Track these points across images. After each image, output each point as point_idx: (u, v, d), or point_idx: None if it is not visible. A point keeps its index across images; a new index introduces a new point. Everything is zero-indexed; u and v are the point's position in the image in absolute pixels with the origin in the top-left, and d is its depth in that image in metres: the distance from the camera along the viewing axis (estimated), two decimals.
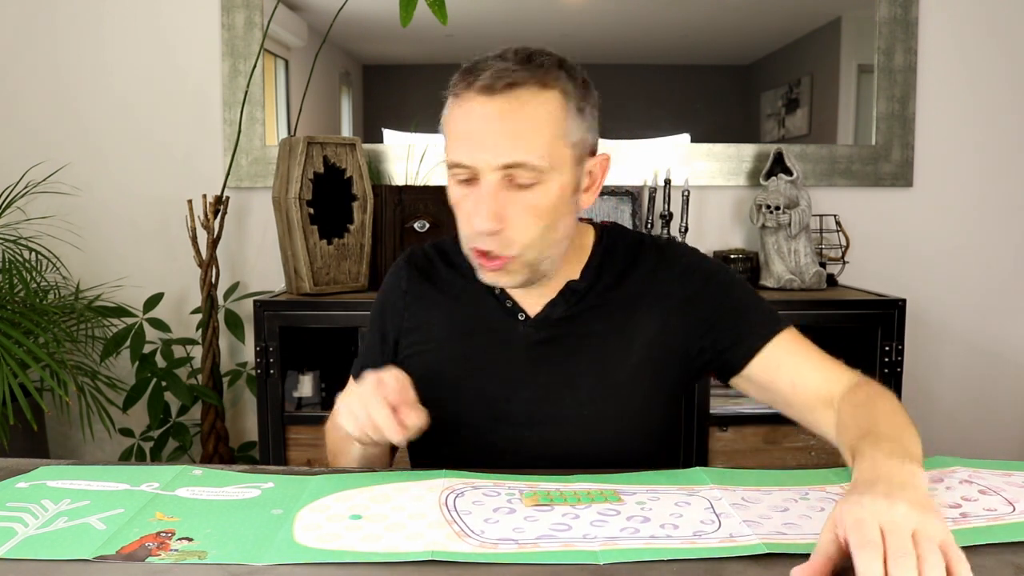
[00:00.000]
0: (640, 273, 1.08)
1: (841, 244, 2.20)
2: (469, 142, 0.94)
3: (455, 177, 0.97)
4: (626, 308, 1.06)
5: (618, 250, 1.09)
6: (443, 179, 2.19)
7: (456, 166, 0.96)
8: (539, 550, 0.71)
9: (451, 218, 1.01)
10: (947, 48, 2.25)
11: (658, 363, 1.05)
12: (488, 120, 0.93)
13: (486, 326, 1.07)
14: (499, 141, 0.92)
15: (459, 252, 1.06)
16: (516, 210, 0.95)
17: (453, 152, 0.96)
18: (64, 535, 0.74)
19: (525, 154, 0.92)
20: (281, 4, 2.15)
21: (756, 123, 2.34)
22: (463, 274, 1.09)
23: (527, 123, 0.93)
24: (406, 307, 1.12)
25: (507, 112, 0.93)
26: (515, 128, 0.93)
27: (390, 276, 1.17)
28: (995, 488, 0.85)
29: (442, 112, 1.00)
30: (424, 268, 1.13)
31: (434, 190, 2.07)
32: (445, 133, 0.99)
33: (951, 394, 2.32)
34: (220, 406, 2.10)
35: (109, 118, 2.24)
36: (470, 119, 0.94)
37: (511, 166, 0.93)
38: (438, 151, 2.23)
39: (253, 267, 2.27)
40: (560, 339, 1.05)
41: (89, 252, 2.24)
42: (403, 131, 2.28)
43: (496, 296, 1.07)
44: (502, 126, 0.93)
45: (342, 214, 1.97)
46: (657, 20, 2.27)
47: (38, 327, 1.91)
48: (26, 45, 2.23)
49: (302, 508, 0.81)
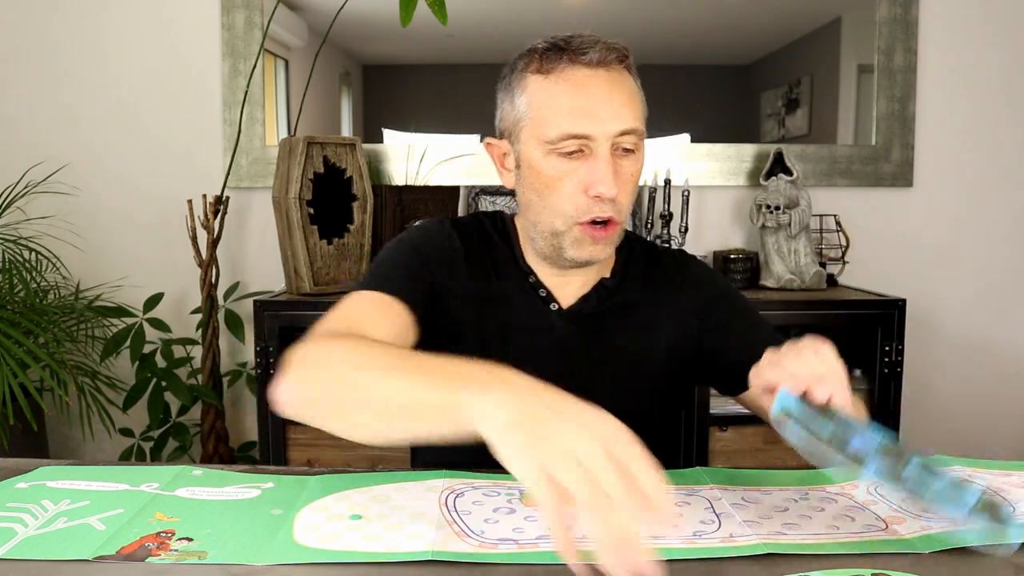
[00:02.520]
0: (661, 277, 1.11)
1: (841, 244, 2.20)
2: (586, 113, 0.96)
3: (560, 151, 0.97)
4: (650, 309, 1.09)
5: (636, 252, 1.12)
6: (443, 179, 2.21)
7: (568, 138, 0.97)
8: (539, 550, 0.71)
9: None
10: (947, 48, 2.25)
11: (675, 366, 1.08)
12: (603, 90, 0.97)
13: (522, 308, 1.07)
14: (615, 110, 0.97)
15: (495, 231, 1.09)
16: (623, 177, 0.98)
17: (564, 125, 0.97)
18: (64, 535, 0.74)
19: (633, 120, 0.98)
20: (281, 4, 2.15)
21: (756, 123, 2.34)
22: (500, 252, 1.09)
23: (629, 93, 0.99)
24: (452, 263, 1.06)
25: (616, 83, 0.98)
26: (623, 98, 0.98)
27: (433, 230, 1.09)
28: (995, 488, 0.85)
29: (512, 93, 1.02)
30: (470, 237, 1.10)
31: (434, 190, 2.07)
32: (540, 107, 0.99)
33: (951, 394, 2.32)
34: (220, 406, 2.10)
35: (109, 118, 2.24)
36: (583, 92, 0.97)
37: (624, 133, 0.97)
38: (438, 151, 2.24)
39: (253, 267, 2.27)
40: (590, 334, 1.07)
41: (89, 252, 2.24)
42: (403, 131, 2.28)
43: (531, 283, 1.08)
44: (615, 96, 0.97)
45: (342, 214, 1.97)
46: (657, 20, 2.27)
47: (38, 327, 1.91)
48: (26, 45, 2.23)
49: (302, 508, 0.81)
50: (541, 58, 0.99)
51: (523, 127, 1.00)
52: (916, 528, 0.76)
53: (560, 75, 0.98)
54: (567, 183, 0.98)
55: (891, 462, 0.69)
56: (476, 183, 2.22)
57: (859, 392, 1.97)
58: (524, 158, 1.02)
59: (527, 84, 1.00)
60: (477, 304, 1.06)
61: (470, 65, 2.30)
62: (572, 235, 1.00)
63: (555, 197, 0.99)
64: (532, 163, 1.00)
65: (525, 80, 1.00)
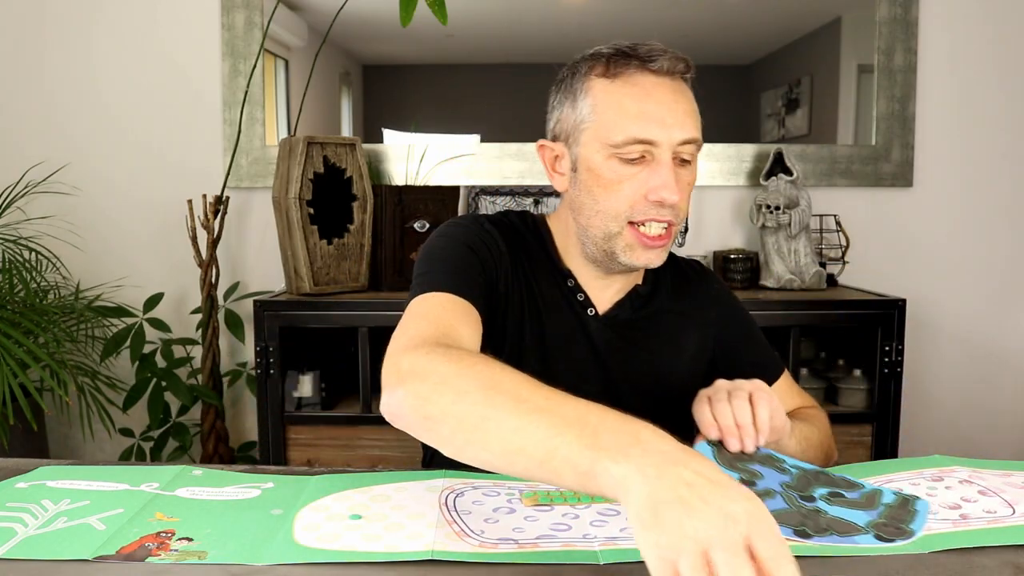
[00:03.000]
0: (687, 288, 1.14)
1: (841, 244, 2.19)
2: (654, 119, 0.97)
3: (623, 155, 0.98)
4: (678, 320, 1.12)
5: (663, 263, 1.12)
6: (443, 179, 2.21)
7: (635, 143, 0.97)
8: (539, 550, 0.71)
9: (451, 217, 1.01)
10: (947, 48, 2.25)
11: (697, 379, 1.07)
12: (671, 98, 0.99)
13: (559, 312, 1.07)
14: (681, 118, 0.98)
15: (528, 231, 1.09)
16: (680, 185, 0.99)
17: (632, 129, 0.97)
18: (64, 535, 0.74)
19: (695, 131, 1.00)
20: (281, 4, 2.15)
21: (756, 123, 2.34)
22: (536, 253, 1.09)
23: (691, 102, 1.01)
24: (500, 267, 1.04)
25: (681, 92, 1.00)
26: (688, 108, 1.00)
27: (481, 229, 1.05)
28: (995, 489, 0.85)
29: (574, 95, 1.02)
30: (513, 239, 1.08)
31: (434, 190, 2.07)
32: (606, 111, 0.99)
33: (951, 394, 2.32)
34: (220, 406, 2.10)
35: (109, 118, 2.24)
36: (652, 99, 0.98)
37: (687, 142, 0.98)
38: (438, 151, 2.24)
39: (253, 267, 2.27)
40: (624, 340, 1.08)
41: (89, 252, 2.24)
42: (403, 131, 2.28)
43: (570, 286, 1.08)
44: (681, 106, 0.99)
45: (342, 214, 1.97)
46: (657, 20, 2.27)
47: (38, 327, 1.91)
48: (26, 45, 2.23)
49: (302, 508, 0.81)
50: (608, 62, 0.99)
51: (584, 129, 1.00)
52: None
53: (628, 80, 0.99)
54: (627, 186, 0.99)
55: (794, 496, 0.77)
56: (476, 183, 2.22)
57: (859, 392, 1.97)
58: (583, 161, 1.01)
59: (592, 87, 1.00)
60: (517, 307, 1.05)
61: (470, 65, 2.30)
62: (624, 239, 1.00)
63: (612, 200, 0.99)
64: (592, 166, 1.00)
65: (590, 83, 1.00)
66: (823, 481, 0.81)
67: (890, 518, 0.75)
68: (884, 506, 0.77)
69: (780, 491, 0.77)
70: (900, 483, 0.87)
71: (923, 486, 0.86)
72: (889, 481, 0.88)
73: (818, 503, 0.76)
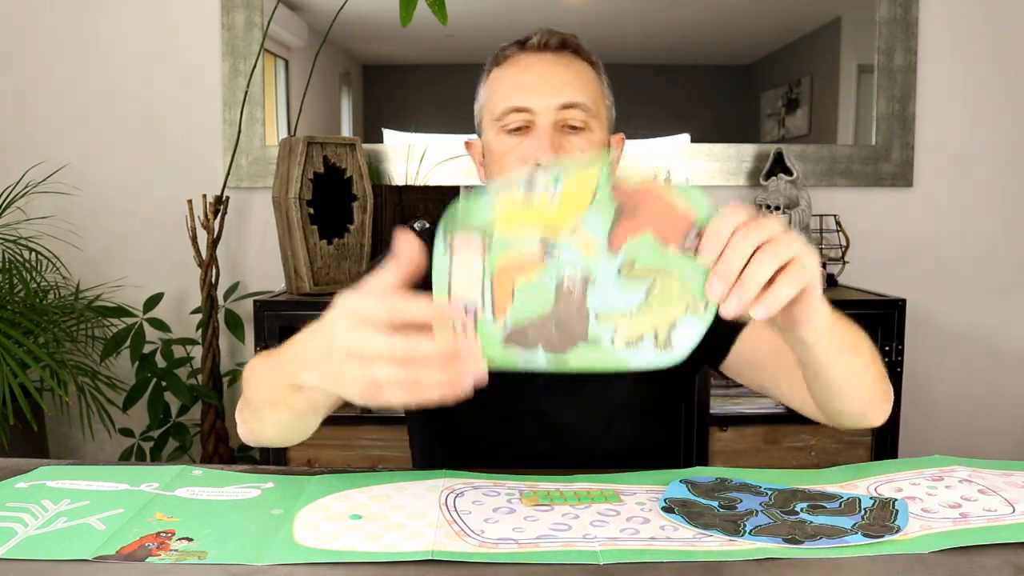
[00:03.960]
0: None
1: (841, 244, 2.19)
2: (527, 88, 1.01)
3: (506, 127, 1.02)
4: None
5: None
6: (443, 179, 2.21)
7: (512, 112, 1.01)
8: (539, 550, 0.71)
9: None
10: (947, 48, 2.25)
11: None
12: (545, 68, 1.03)
13: None
14: (557, 85, 1.01)
15: None
16: (567, 152, 1.01)
17: (508, 99, 1.01)
18: (64, 535, 0.74)
19: (579, 95, 1.01)
20: (281, 4, 2.15)
21: (756, 123, 2.34)
22: None
23: (576, 72, 1.04)
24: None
25: (560, 62, 1.04)
26: (567, 75, 1.03)
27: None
28: (995, 488, 0.85)
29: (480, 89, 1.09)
30: None
31: (434, 190, 2.07)
32: (492, 93, 1.06)
33: (951, 394, 2.32)
34: (220, 406, 2.10)
35: (109, 118, 2.24)
36: (526, 71, 1.03)
37: (567, 106, 1.00)
38: (438, 151, 2.24)
39: (253, 267, 2.27)
40: None
41: (89, 252, 2.24)
42: (403, 131, 2.28)
43: None
44: (557, 72, 1.03)
45: (342, 214, 1.97)
46: (657, 20, 2.27)
47: (38, 327, 1.91)
48: (25, 45, 2.23)
49: (302, 508, 0.81)
50: (504, 49, 1.07)
51: (484, 116, 1.07)
52: (916, 528, 0.76)
53: (509, 62, 1.05)
54: (512, 156, 1.01)
55: (777, 512, 0.78)
56: (476, 183, 2.22)
57: None
58: (486, 145, 1.07)
59: (487, 79, 1.08)
60: None
61: (470, 65, 2.28)
62: None
63: (504, 173, 1.02)
64: (488, 146, 1.06)
65: (487, 76, 1.08)
66: (800, 497, 0.82)
67: (873, 519, 0.77)
68: (865, 510, 0.79)
69: (761, 510, 0.78)
70: (900, 483, 0.87)
71: (923, 486, 0.86)
72: (889, 481, 0.88)
73: (801, 515, 0.78)
